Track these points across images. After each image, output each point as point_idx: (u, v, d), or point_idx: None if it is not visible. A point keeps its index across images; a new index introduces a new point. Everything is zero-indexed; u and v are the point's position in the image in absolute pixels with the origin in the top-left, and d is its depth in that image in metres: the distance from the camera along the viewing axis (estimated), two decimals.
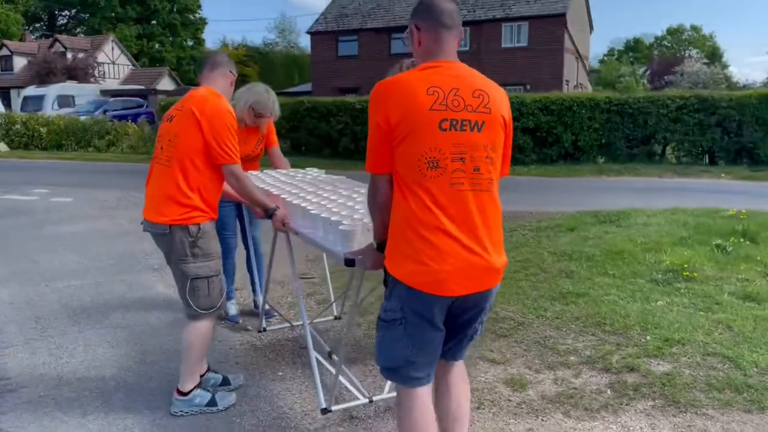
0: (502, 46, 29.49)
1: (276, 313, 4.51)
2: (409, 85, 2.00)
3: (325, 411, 3.01)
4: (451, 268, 1.96)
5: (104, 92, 31.46)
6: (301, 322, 4.18)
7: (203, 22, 63.17)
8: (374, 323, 4.36)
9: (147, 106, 28.85)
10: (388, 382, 3.21)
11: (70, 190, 10.97)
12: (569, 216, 7.38)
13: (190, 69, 58.63)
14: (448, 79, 2.02)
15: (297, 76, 51.85)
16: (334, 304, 4.50)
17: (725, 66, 56.46)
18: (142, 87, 36.01)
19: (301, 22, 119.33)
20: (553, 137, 14.26)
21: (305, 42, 79.75)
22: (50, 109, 25.31)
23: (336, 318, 4.44)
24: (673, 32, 65.14)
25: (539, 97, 14.42)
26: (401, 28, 31.26)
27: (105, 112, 25.20)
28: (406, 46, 2.25)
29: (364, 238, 2.53)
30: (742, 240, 5.61)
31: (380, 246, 2.19)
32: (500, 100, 2.09)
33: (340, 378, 3.10)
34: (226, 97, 3.09)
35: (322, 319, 4.41)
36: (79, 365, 3.71)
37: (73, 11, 60.11)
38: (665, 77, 36.36)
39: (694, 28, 64.98)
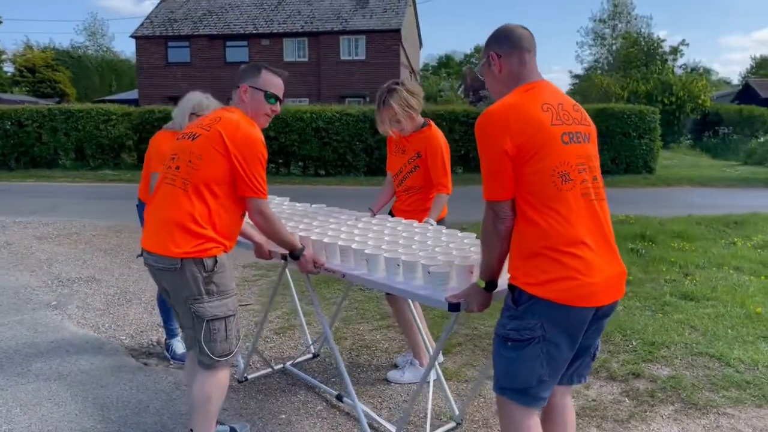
0: (341, 58, 29.89)
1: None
2: (523, 106, 2.00)
3: None
4: (600, 279, 1.97)
5: None
6: (281, 365, 3.85)
7: None
8: (351, 350, 4.17)
9: None
10: (428, 420, 3.05)
11: None
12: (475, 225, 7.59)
13: None
14: (552, 96, 2.07)
15: (115, 83, 48.17)
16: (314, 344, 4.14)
17: None
18: None
19: (113, 26, 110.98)
20: None
21: (119, 46, 74.53)
22: None
23: (315, 356, 3.98)
24: (480, 50, 70.35)
25: None
26: (236, 36, 30.49)
27: None
28: (478, 74, 2.24)
29: (461, 280, 2.35)
30: (649, 243, 6.17)
31: (490, 285, 2.13)
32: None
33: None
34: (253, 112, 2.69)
35: (302, 359, 3.95)
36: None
37: None
38: (480, 91, 39.40)
39: None
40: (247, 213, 2.65)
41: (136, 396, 3.45)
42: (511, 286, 2.06)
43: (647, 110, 14.78)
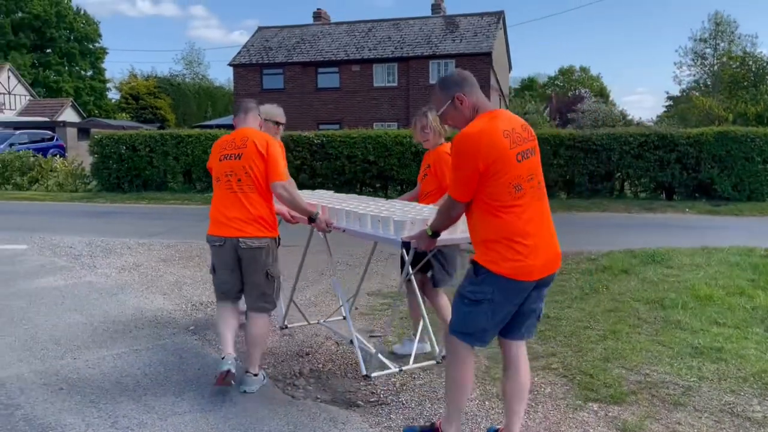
0: (430, 82, 29.86)
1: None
2: (492, 133, 2.65)
3: (366, 377, 3.91)
4: (539, 261, 2.69)
5: (4, 124, 28.87)
6: (316, 321, 5.05)
7: (103, 51, 60.24)
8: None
9: (57, 139, 26.74)
10: (412, 357, 4.13)
11: (17, 235, 9.59)
12: (605, 256, 7.18)
13: (90, 100, 55.60)
14: (507, 123, 2.72)
15: (210, 109, 50.31)
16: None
17: (613, 104, 60.56)
18: (47, 119, 33.50)
19: (206, 55, 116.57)
20: None
21: (213, 74, 78.26)
22: None
23: (344, 318, 4.66)
24: (565, 72, 69.08)
25: None
26: (328, 63, 31.13)
27: (11, 145, 23.02)
28: (442, 117, 2.92)
29: (413, 229, 3.39)
30: None
31: (435, 234, 3.08)
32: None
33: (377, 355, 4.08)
34: None
35: (334, 319, 5.03)
36: None
37: None
38: (567, 114, 38.33)
39: (583, 69, 69.18)
40: (274, 192, 3.72)
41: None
42: (473, 262, 2.78)
43: None
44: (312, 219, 3.81)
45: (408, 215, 3.62)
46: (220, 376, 3.64)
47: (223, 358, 3.74)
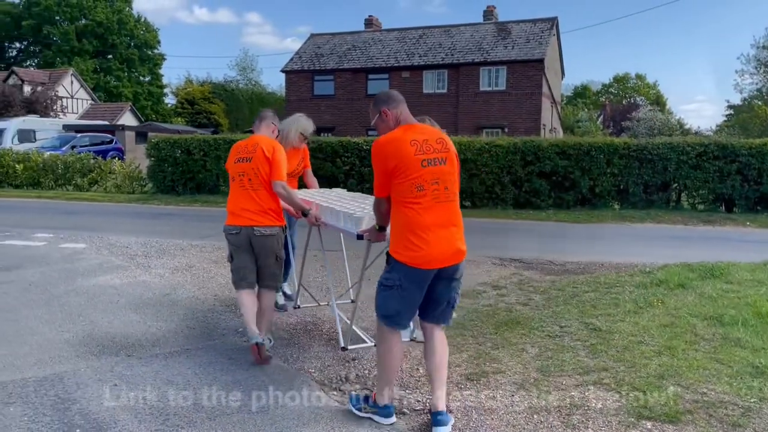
0: (480, 89, 29.70)
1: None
2: (399, 141, 3.20)
3: (343, 349, 4.55)
4: (437, 252, 3.16)
5: (66, 127, 30.04)
6: (327, 303, 5.74)
7: (161, 57, 62.18)
8: (560, 408, 3.71)
9: (116, 142, 27.68)
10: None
11: (76, 234, 9.95)
12: (660, 269, 6.97)
13: (148, 104, 57.40)
14: (420, 134, 3.25)
15: None
16: (351, 290, 5.78)
17: (669, 113, 58.88)
18: (107, 122, 34.71)
19: (259, 61, 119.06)
20: (569, 182, 14.05)
21: (265, 80, 79.95)
22: (9, 144, 23.92)
23: (352, 301, 5.40)
24: (620, 80, 67.53)
25: (556, 142, 14.22)
26: (378, 69, 31.29)
27: (73, 147, 23.94)
28: (375, 127, 3.48)
29: (368, 224, 3.89)
30: None
31: (381, 228, 3.58)
32: (451, 143, 3.33)
33: (355, 329, 4.71)
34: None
35: (341, 302, 5.55)
36: None
37: (25, 43, 58.19)
38: (622, 122, 37.46)
39: (638, 76, 67.52)
40: (275, 190, 4.38)
41: None
42: (387, 252, 3.31)
43: None
44: (305, 214, 4.56)
45: (365, 211, 4.13)
46: (254, 349, 4.27)
47: (250, 336, 4.41)
